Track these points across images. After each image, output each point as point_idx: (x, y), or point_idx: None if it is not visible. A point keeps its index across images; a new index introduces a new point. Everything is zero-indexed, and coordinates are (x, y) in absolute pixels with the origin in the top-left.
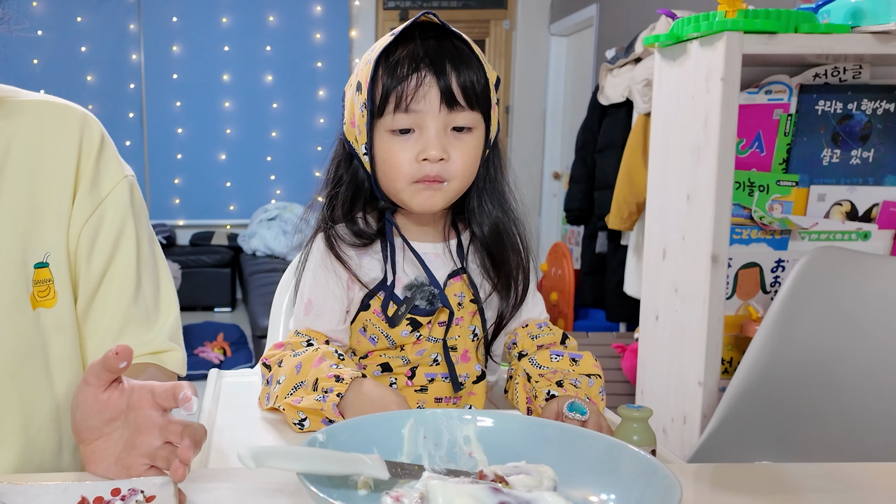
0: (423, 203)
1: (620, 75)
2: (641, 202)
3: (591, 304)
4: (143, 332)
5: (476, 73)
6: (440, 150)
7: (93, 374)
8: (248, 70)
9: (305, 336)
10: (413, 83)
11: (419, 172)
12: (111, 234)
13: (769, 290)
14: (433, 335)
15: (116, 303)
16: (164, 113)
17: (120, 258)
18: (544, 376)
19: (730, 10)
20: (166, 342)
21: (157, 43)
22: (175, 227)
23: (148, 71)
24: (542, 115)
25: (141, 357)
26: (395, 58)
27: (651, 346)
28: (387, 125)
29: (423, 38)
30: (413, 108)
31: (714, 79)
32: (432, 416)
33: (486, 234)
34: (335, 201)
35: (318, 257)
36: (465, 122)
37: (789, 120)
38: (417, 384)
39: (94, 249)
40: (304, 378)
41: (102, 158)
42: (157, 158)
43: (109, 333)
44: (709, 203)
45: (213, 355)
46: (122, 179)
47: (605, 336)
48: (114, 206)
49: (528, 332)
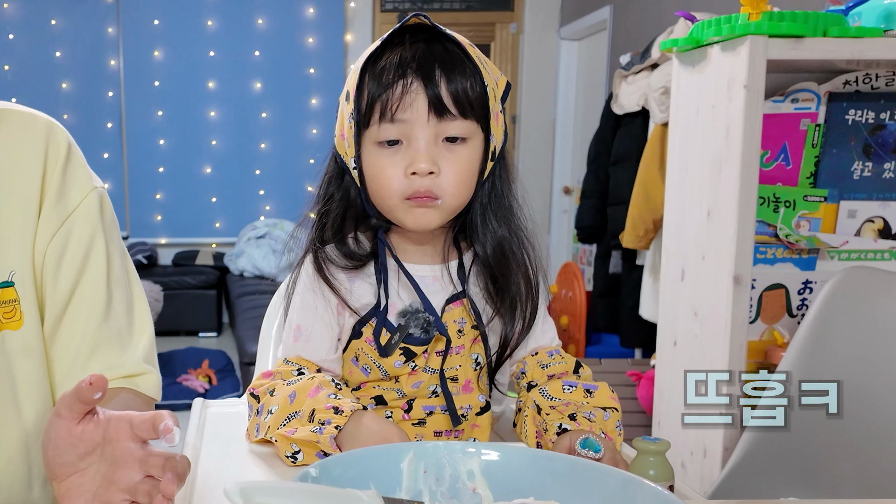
0: (416, 221)
1: (636, 82)
2: (658, 219)
3: (605, 328)
4: (116, 354)
5: (470, 78)
6: (429, 163)
7: (65, 406)
8: (236, 77)
9: (296, 364)
10: (398, 90)
11: (409, 188)
12: (80, 249)
13: (796, 313)
14: (430, 365)
15: (86, 323)
16: (145, 123)
17: (89, 275)
18: (556, 408)
19: (753, 13)
20: (140, 364)
21: (138, 48)
22: (157, 245)
23: (127, 78)
24: (551, 126)
25: (113, 381)
26: (382, 64)
27: (669, 374)
28: (373, 136)
29: (412, 42)
30: (399, 117)
31: (736, 86)
32: (433, 449)
33: (488, 254)
34: (325, 219)
35: (306, 281)
36: (458, 131)
37: (817, 130)
38: (415, 417)
39: (62, 266)
40: (298, 408)
41: (70, 169)
42: (137, 172)
43: (79, 356)
44: (731, 220)
45: (197, 384)
46: (92, 191)
47: (619, 363)
48: (82, 220)
49: (538, 361)
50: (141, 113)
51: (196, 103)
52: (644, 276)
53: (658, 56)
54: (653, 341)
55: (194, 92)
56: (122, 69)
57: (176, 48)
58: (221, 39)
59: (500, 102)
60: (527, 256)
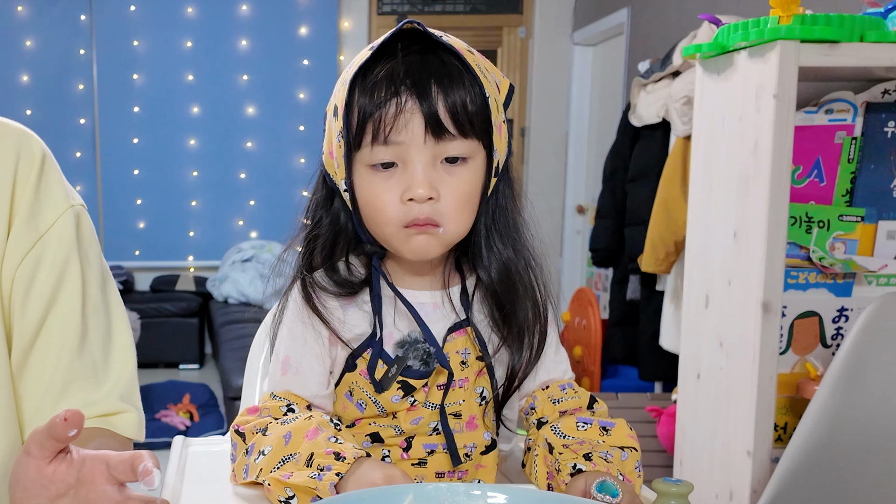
0: (415, 250)
1: (655, 92)
2: (680, 240)
3: (622, 360)
4: (91, 390)
5: (469, 90)
6: (427, 188)
7: (36, 443)
8: (219, 70)
9: (284, 400)
10: (392, 110)
11: (407, 215)
12: (52, 274)
13: (830, 343)
14: (430, 400)
15: (57, 356)
16: (120, 120)
17: (62, 303)
18: (569, 447)
19: (784, 16)
20: (117, 403)
21: (113, 37)
22: (133, 269)
23: (101, 70)
24: (563, 139)
25: (88, 421)
26: (372, 78)
27: (692, 410)
28: (365, 159)
29: (405, 54)
30: (393, 139)
31: (766, 96)
32: (435, 492)
33: (493, 278)
34: (314, 244)
35: (294, 310)
36: (458, 151)
37: (853, 144)
38: (414, 457)
39: (32, 293)
40: (294, 450)
41: (43, 184)
42: (111, 175)
43: (50, 393)
44: (759, 242)
45: (177, 420)
46: (67, 210)
47: (637, 398)
48: (56, 242)
49: (549, 396)
50: (116, 108)
51: (176, 99)
52: (665, 302)
53: (680, 63)
54: (674, 374)
55: (174, 86)
56: (94, 60)
57: (155, 38)
58: (203, 28)
59: (502, 112)
60: (534, 279)
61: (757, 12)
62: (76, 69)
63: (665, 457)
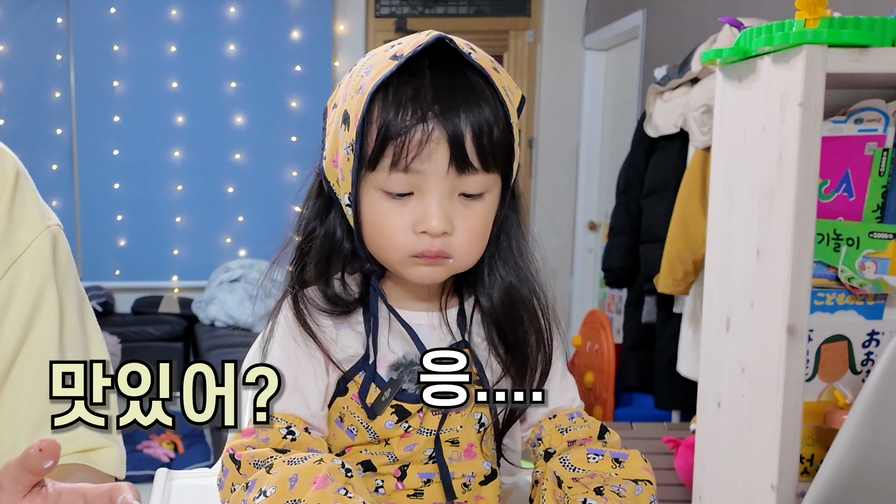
0: (420, 277)
1: (673, 100)
2: (699, 259)
3: (637, 387)
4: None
5: (496, 120)
6: (444, 223)
7: (9, 477)
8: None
9: (283, 421)
10: (417, 137)
11: (417, 246)
12: (27, 301)
13: (860, 369)
14: (425, 426)
15: (33, 389)
16: (100, 130)
17: (38, 332)
18: (579, 481)
19: (810, 19)
20: (97, 437)
21: (91, 41)
22: (113, 290)
23: (79, 77)
24: (574, 150)
25: (66, 457)
26: (397, 96)
27: (711, 441)
28: (380, 183)
29: (433, 74)
30: (415, 167)
31: (791, 104)
32: None
33: (495, 305)
34: (307, 257)
35: (284, 327)
36: (477, 187)
37: (885, 156)
38: (409, 487)
39: (6, 321)
40: (300, 496)
41: (17, 204)
42: (90, 189)
43: (25, 427)
44: (784, 261)
45: (160, 451)
46: (43, 231)
47: (653, 427)
48: (31, 266)
49: (557, 425)
50: (95, 118)
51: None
52: (682, 326)
53: (699, 69)
54: (693, 402)
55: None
56: (72, 66)
57: (137, 42)
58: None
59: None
60: (538, 305)
61: (781, 15)
62: (52, 76)
63: (683, 491)
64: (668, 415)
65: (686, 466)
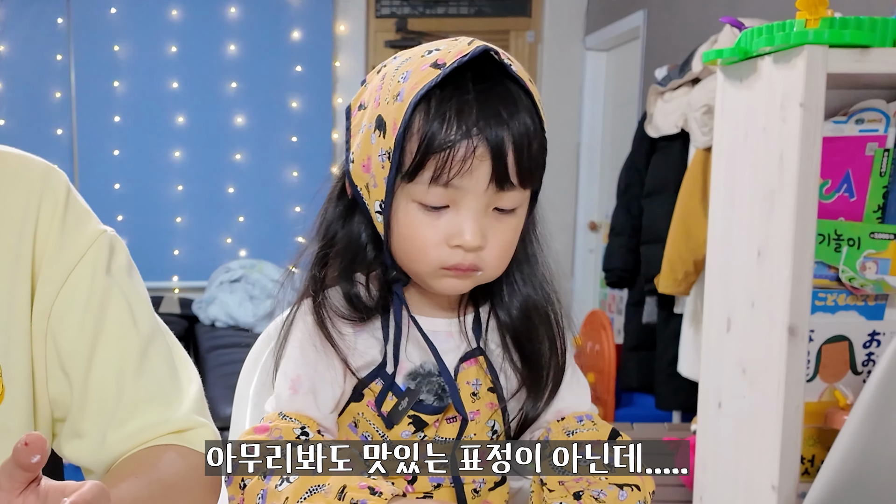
0: (447, 289)
1: (673, 100)
2: (700, 260)
3: (637, 387)
4: (159, 410)
5: (535, 135)
6: (478, 238)
7: (6, 475)
8: (206, 77)
9: (296, 421)
10: (461, 153)
11: (449, 259)
12: (91, 304)
13: (861, 370)
14: (440, 434)
15: (117, 381)
16: (100, 130)
17: (110, 332)
18: (564, 484)
19: (811, 19)
20: (191, 417)
21: (92, 41)
22: None
23: (79, 77)
24: (574, 151)
25: (159, 438)
26: (441, 109)
27: (712, 441)
28: (416, 195)
29: (477, 89)
30: (455, 183)
31: (792, 105)
32: None
33: (513, 316)
34: (328, 261)
35: (304, 330)
36: (513, 203)
37: (886, 157)
38: (420, 490)
39: (70, 326)
40: (324, 482)
41: (70, 216)
42: (90, 189)
43: (113, 423)
44: (785, 261)
45: None
46: (100, 236)
47: (654, 428)
48: (90, 270)
49: (564, 428)
50: (95, 118)
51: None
52: (683, 326)
53: (700, 69)
54: (693, 403)
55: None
56: (72, 67)
57: (137, 43)
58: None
59: None
60: (552, 313)
61: (782, 15)
62: (52, 76)
63: (684, 492)
64: (668, 415)
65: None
